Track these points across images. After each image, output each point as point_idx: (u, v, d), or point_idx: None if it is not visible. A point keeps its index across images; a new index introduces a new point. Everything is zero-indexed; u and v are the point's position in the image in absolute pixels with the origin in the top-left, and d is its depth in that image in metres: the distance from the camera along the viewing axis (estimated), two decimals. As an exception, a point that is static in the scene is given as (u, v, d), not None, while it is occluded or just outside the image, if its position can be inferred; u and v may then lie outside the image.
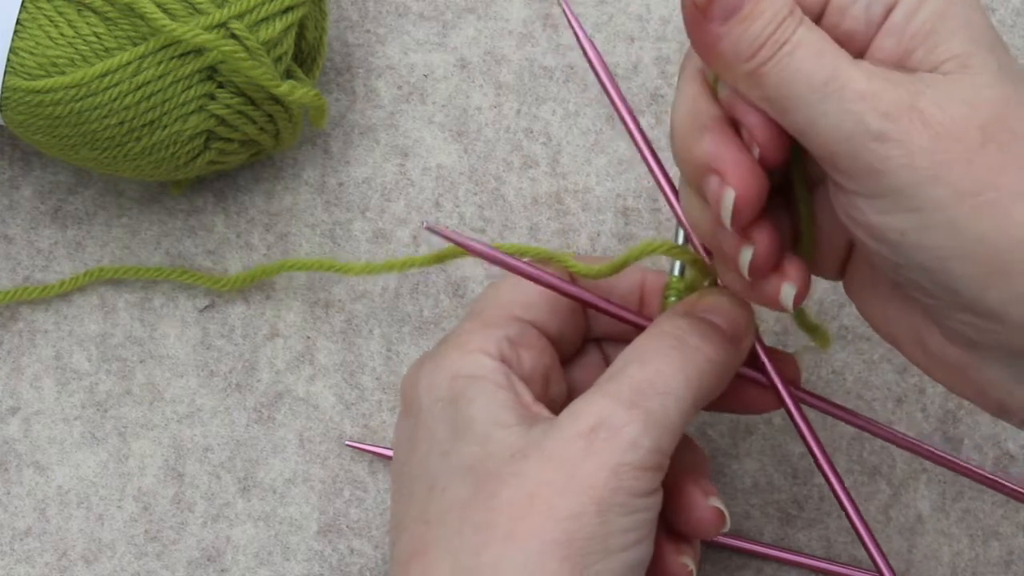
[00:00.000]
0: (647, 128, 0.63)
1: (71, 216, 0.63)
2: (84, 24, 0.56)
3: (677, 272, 0.53)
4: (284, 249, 0.62)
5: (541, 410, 0.50)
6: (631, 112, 0.53)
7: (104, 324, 0.62)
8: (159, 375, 0.61)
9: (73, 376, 0.61)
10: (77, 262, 0.62)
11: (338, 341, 0.61)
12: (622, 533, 0.47)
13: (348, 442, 0.60)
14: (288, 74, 0.58)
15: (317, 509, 0.60)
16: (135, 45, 0.56)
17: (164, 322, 0.62)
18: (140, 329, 0.61)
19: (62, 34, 0.56)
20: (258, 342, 0.61)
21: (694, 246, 0.53)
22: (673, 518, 0.51)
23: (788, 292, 0.48)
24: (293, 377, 0.61)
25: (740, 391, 0.53)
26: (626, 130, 0.53)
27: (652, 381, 0.48)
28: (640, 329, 0.52)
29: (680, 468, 0.51)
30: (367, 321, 0.61)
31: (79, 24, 0.56)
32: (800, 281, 0.48)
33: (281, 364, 0.61)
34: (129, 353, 0.61)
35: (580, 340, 0.55)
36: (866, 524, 0.53)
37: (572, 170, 0.62)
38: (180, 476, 0.60)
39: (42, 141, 0.58)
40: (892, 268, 0.45)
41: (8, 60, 0.56)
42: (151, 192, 0.63)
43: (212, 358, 0.61)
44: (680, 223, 0.53)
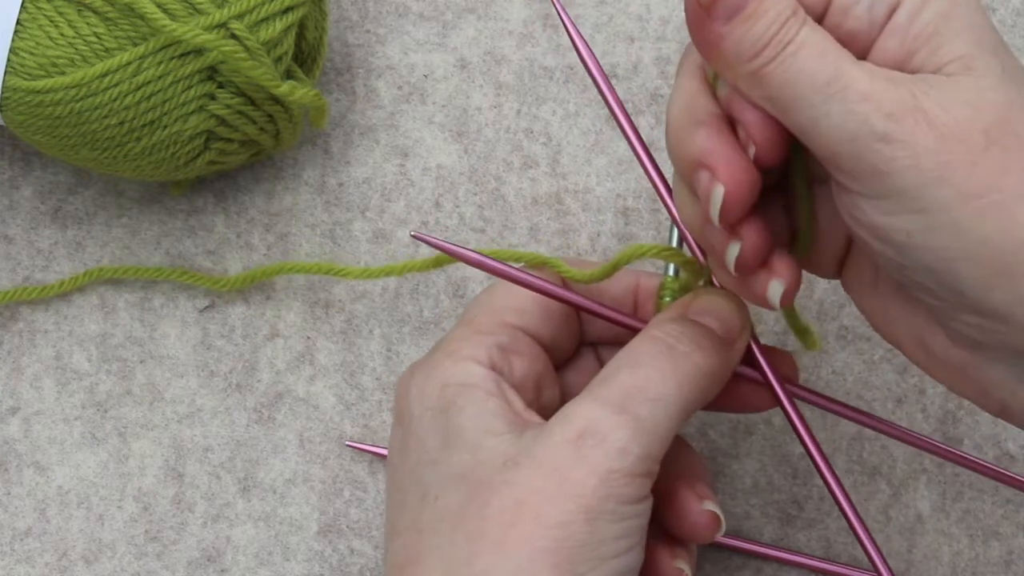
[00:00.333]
0: (647, 128, 0.63)
1: (71, 216, 0.63)
2: (84, 24, 0.56)
3: (672, 273, 0.53)
4: (284, 249, 0.62)
5: (532, 416, 0.50)
6: (622, 107, 0.53)
7: (104, 324, 0.62)
8: (159, 375, 0.61)
9: (73, 376, 0.61)
10: (77, 262, 0.62)
11: (338, 341, 0.61)
12: (612, 540, 0.47)
13: (348, 442, 0.60)
14: (288, 74, 0.58)
15: (317, 509, 0.60)
16: (135, 45, 0.55)
17: (164, 322, 0.62)
18: (140, 329, 0.61)
19: (62, 34, 0.56)
20: (258, 342, 0.61)
21: (689, 247, 0.53)
22: (668, 522, 0.51)
23: (776, 289, 0.48)
24: (293, 377, 0.61)
25: (737, 390, 0.53)
26: (619, 128, 0.53)
27: (642, 387, 0.48)
28: (634, 332, 0.51)
29: (674, 472, 0.51)
30: (367, 321, 0.61)
31: (79, 24, 0.56)
32: (789, 279, 0.48)
33: (281, 364, 0.61)
34: (129, 353, 0.61)
35: (574, 345, 0.55)
36: (863, 522, 0.53)
37: (572, 170, 0.62)
38: (180, 476, 0.60)
39: (42, 141, 0.58)
40: (896, 269, 0.45)
41: (8, 60, 0.56)
42: (151, 192, 0.63)
43: (212, 358, 0.61)
44: (675, 223, 0.53)
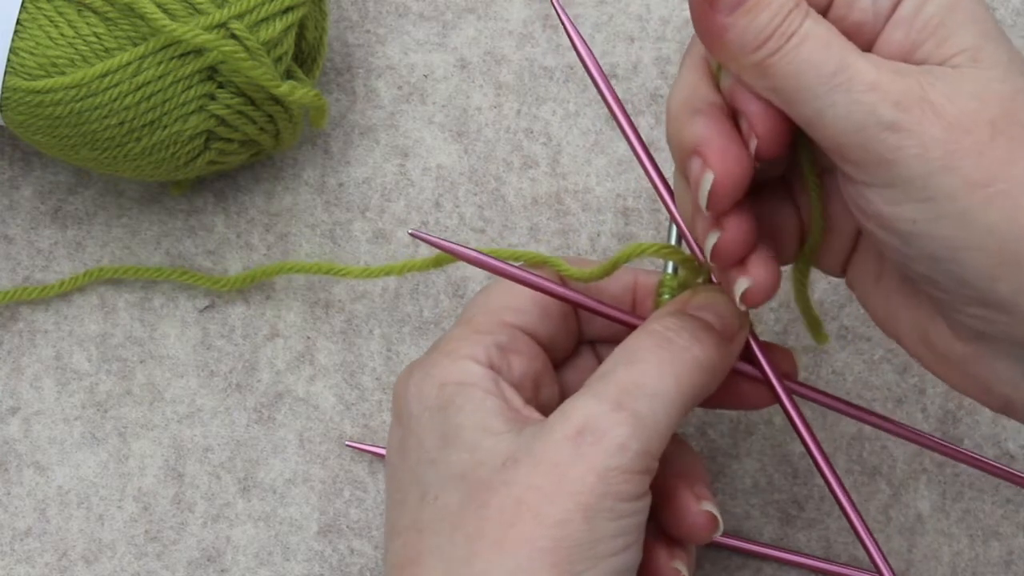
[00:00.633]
0: (647, 128, 0.63)
1: (71, 216, 0.63)
2: (84, 24, 0.56)
3: (671, 271, 0.53)
4: (284, 249, 0.62)
5: (531, 412, 0.50)
6: (622, 107, 0.53)
7: (104, 324, 0.62)
8: (159, 375, 0.61)
9: (73, 376, 0.61)
10: (77, 262, 0.62)
11: (338, 341, 0.61)
12: (610, 539, 0.47)
13: (348, 442, 0.60)
14: (288, 74, 0.58)
15: (317, 509, 0.60)
16: (135, 45, 0.55)
17: (164, 322, 0.62)
18: (140, 329, 0.61)
19: (62, 34, 0.56)
20: (258, 342, 0.61)
21: (688, 245, 0.53)
22: (665, 522, 0.51)
23: (741, 284, 0.47)
24: (293, 377, 0.61)
25: (736, 386, 0.53)
26: (619, 128, 0.53)
27: (640, 382, 0.48)
28: (633, 329, 0.51)
29: (672, 471, 0.50)
30: (367, 321, 0.61)
31: (79, 24, 0.56)
32: (759, 279, 0.47)
33: (281, 364, 0.61)
34: (129, 353, 0.61)
35: (572, 344, 0.55)
36: (863, 520, 0.53)
37: (572, 170, 0.62)
38: (180, 476, 0.60)
39: (42, 141, 0.58)
40: (902, 260, 0.45)
41: (8, 60, 0.56)
42: (151, 192, 0.63)
43: (212, 358, 0.61)
44: (674, 221, 0.53)
